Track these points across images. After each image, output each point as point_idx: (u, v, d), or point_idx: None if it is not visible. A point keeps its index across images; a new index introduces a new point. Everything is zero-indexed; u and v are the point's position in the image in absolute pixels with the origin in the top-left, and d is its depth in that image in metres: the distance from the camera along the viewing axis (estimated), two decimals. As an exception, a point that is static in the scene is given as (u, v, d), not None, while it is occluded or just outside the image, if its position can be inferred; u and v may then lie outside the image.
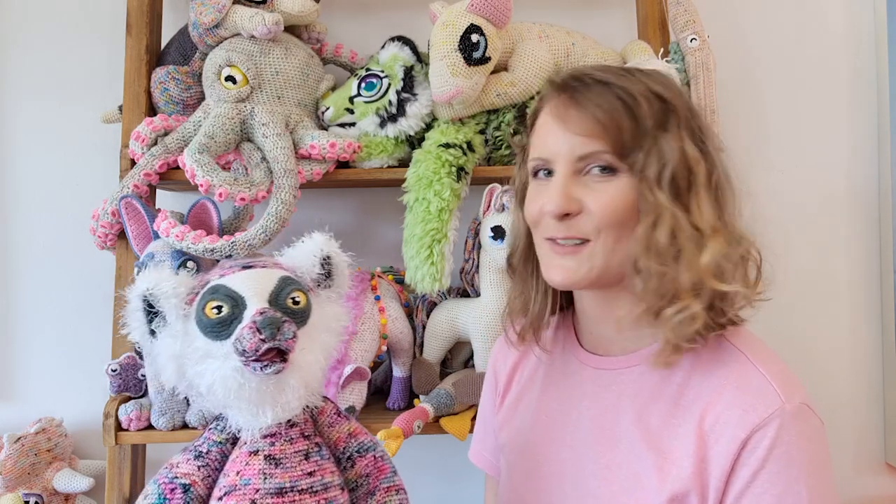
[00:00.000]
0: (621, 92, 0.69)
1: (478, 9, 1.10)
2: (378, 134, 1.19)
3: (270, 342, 0.58)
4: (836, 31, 1.44)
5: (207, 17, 1.16)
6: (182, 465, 0.64)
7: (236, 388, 0.60)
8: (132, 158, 1.19)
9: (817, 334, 1.42)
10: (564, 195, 0.71)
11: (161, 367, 0.63)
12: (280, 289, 0.63)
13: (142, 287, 0.63)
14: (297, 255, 0.69)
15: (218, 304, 0.61)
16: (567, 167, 0.72)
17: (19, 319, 1.40)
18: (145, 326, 0.63)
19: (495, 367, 0.94)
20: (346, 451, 0.70)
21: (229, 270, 0.65)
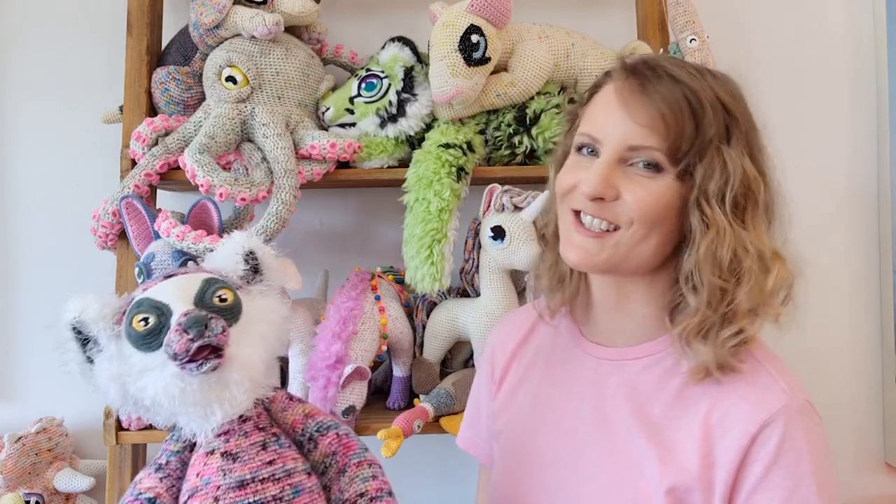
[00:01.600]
0: (690, 94, 0.68)
1: (478, 9, 1.10)
2: (378, 134, 1.19)
3: (199, 340, 0.59)
4: (835, 31, 1.44)
5: (208, 17, 1.16)
6: (144, 481, 0.65)
7: (179, 393, 0.60)
8: (133, 159, 1.19)
9: (817, 334, 1.42)
10: (604, 180, 0.69)
11: (103, 390, 0.63)
12: (204, 290, 0.64)
13: (69, 316, 0.63)
14: (218, 256, 0.70)
15: (144, 316, 0.62)
16: (614, 153, 0.70)
17: (20, 319, 1.40)
18: (81, 356, 0.63)
19: (492, 353, 0.93)
20: (304, 433, 0.70)
21: (152, 283, 0.65)
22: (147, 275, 1.09)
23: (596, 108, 0.74)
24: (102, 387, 0.63)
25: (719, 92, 0.70)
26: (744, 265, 0.67)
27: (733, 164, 0.67)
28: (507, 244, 1.12)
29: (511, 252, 1.11)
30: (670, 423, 0.71)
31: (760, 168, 0.70)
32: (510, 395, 0.88)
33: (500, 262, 1.14)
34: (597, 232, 0.71)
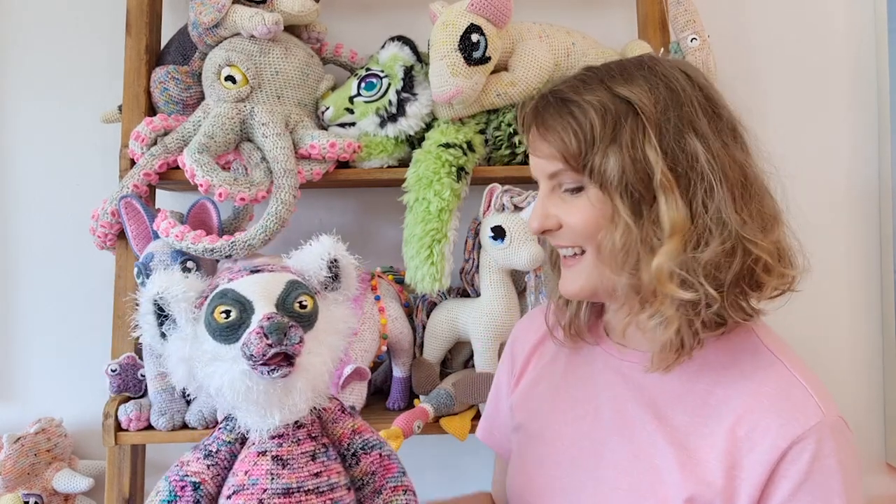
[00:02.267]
0: (575, 108, 0.70)
1: (478, 9, 1.10)
2: (378, 134, 1.19)
3: (277, 347, 0.60)
4: (836, 30, 1.44)
5: (207, 16, 1.16)
6: (192, 464, 0.66)
7: (244, 390, 0.61)
8: (132, 158, 1.19)
9: (817, 334, 1.42)
10: (541, 215, 0.74)
11: (171, 368, 0.65)
12: (287, 293, 0.64)
13: (153, 291, 0.64)
14: (304, 258, 0.70)
15: (226, 308, 0.63)
16: (544, 186, 0.75)
17: (19, 319, 1.40)
18: (156, 329, 0.65)
19: (514, 346, 0.94)
20: (350, 448, 0.70)
21: (238, 275, 0.66)
22: (146, 275, 1.09)
23: None
24: (172, 364, 0.64)
25: (617, 88, 0.70)
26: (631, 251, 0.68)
27: (619, 157, 0.68)
28: (507, 244, 1.11)
29: (511, 252, 1.11)
30: (695, 430, 0.70)
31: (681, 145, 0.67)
32: (529, 390, 0.88)
33: (500, 262, 1.14)
34: (571, 258, 0.75)
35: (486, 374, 1.16)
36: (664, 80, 0.70)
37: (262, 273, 0.66)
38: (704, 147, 0.68)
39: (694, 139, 0.68)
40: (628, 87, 0.70)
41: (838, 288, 1.43)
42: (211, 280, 0.68)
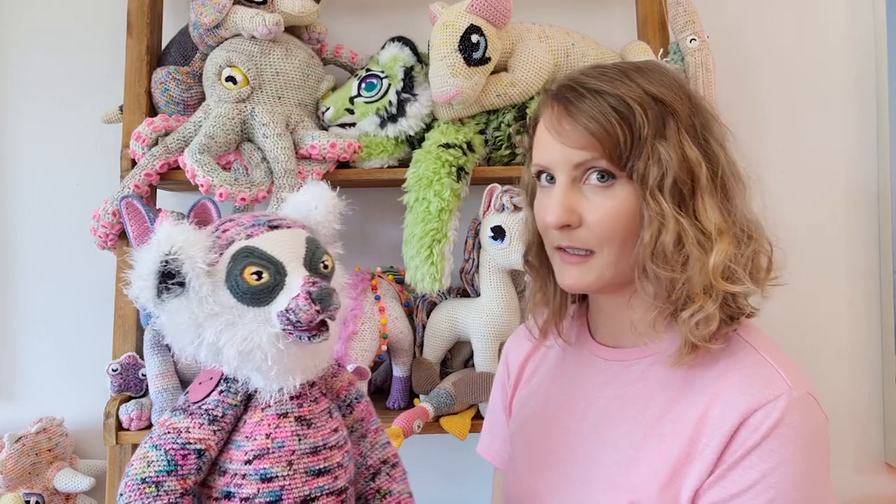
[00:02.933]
0: (615, 101, 0.69)
1: (478, 9, 1.10)
2: (378, 134, 1.19)
3: (324, 314, 0.58)
4: (835, 30, 1.44)
5: (208, 17, 1.16)
6: (194, 431, 0.61)
7: (273, 353, 0.59)
8: (133, 158, 1.19)
9: (817, 334, 1.42)
10: (564, 207, 0.71)
11: (176, 332, 0.60)
12: (311, 253, 0.62)
13: (164, 248, 0.58)
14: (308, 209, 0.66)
15: (258, 269, 0.58)
16: (566, 176, 0.72)
17: (20, 319, 1.40)
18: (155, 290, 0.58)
19: (507, 358, 0.95)
20: (346, 399, 0.70)
21: (255, 230, 0.61)
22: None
23: (539, 139, 0.77)
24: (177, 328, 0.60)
25: (648, 87, 0.70)
26: (686, 249, 0.68)
27: (667, 153, 0.68)
28: (507, 244, 1.12)
29: (511, 252, 1.11)
30: (671, 416, 0.71)
31: (707, 147, 0.71)
32: (524, 399, 0.89)
33: (500, 262, 1.14)
34: (578, 257, 0.73)
35: (486, 374, 1.16)
36: (679, 85, 0.73)
37: (282, 229, 0.62)
38: (722, 151, 0.72)
39: (713, 142, 0.71)
40: (657, 87, 0.71)
41: (838, 288, 1.43)
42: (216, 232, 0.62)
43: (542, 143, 0.76)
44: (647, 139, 0.69)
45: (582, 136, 0.70)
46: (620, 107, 0.69)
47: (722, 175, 0.71)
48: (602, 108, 0.69)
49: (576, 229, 0.72)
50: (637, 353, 0.77)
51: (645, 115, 0.69)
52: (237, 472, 0.61)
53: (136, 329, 1.17)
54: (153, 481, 0.58)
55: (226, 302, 0.59)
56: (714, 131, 0.72)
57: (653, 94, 0.70)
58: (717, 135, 0.72)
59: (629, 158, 0.69)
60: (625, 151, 0.69)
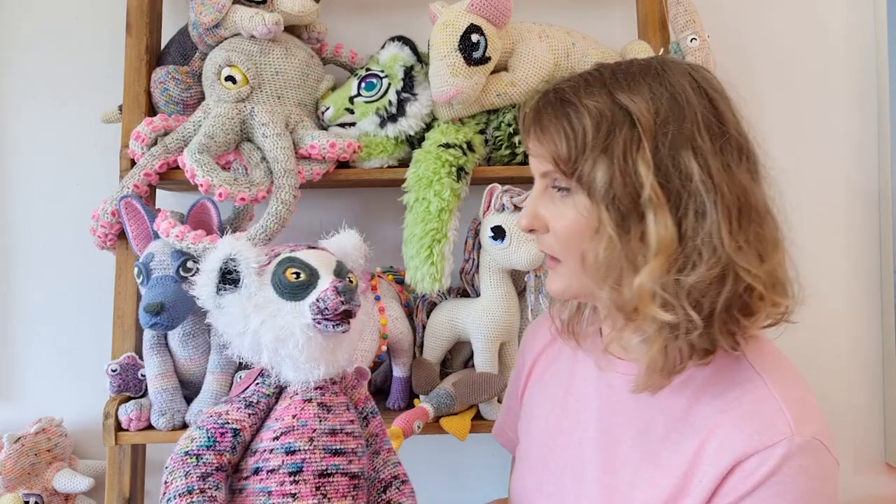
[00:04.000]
0: (571, 110, 0.68)
1: (478, 9, 1.10)
2: (378, 134, 1.19)
3: (347, 305, 0.69)
4: (836, 30, 1.44)
5: (207, 16, 1.16)
6: (232, 413, 0.71)
7: (303, 342, 0.69)
8: (132, 158, 1.19)
9: (817, 334, 1.42)
10: (531, 213, 0.74)
11: (227, 323, 0.71)
12: (339, 268, 0.75)
13: (226, 252, 0.71)
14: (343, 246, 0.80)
15: (297, 270, 0.72)
16: (538, 184, 0.74)
17: (19, 319, 1.40)
18: (214, 288, 0.71)
19: (524, 349, 0.95)
20: (363, 411, 0.79)
21: (297, 247, 0.75)
22: (147, 275, 1.09)
23: None
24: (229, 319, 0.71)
25: (619, 94, 0.67)
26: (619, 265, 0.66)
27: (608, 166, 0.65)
28: (507, 244, 1.12)
29: (511, 252, 1.11)
30: (669, 444, 0.69)
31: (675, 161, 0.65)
32: (533, 396, 0.89)
33: (500, 262, 1.14)
34: (552, 261, 0.75)
35: (486, 374, 1.16)
36: (669, 91, 0.67)
37: (318, 249, 0.77)
38: (701, 166, 0.64)
39: (690, 157, 0.64)
40: (629, 95, 0.67)
41: (838, 288, 1.43)
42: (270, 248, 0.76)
43: None
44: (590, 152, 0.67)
45: (538, 147, 0.71)
46: (572, 117, 0.68)
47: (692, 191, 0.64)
48: (556, 120, 0.69)
49: (543, 235, 0.74)
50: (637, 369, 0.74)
51: (594, 127, 0.66)
52: (266, 448, 0.70)
53: (136, 329, 1.17)
54: (194, 454, 0.68)
55: (269, 297, 0.71)
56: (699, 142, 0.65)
57: (620, 102, 0.66)
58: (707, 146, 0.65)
59: (574, 170, 0.68)
60: (570, 163, 0.68)
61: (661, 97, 0.66)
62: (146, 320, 1.04)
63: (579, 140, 0.67)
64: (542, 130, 0.71)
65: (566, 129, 0.68)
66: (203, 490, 0.66)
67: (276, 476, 0.69)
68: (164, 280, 1.08)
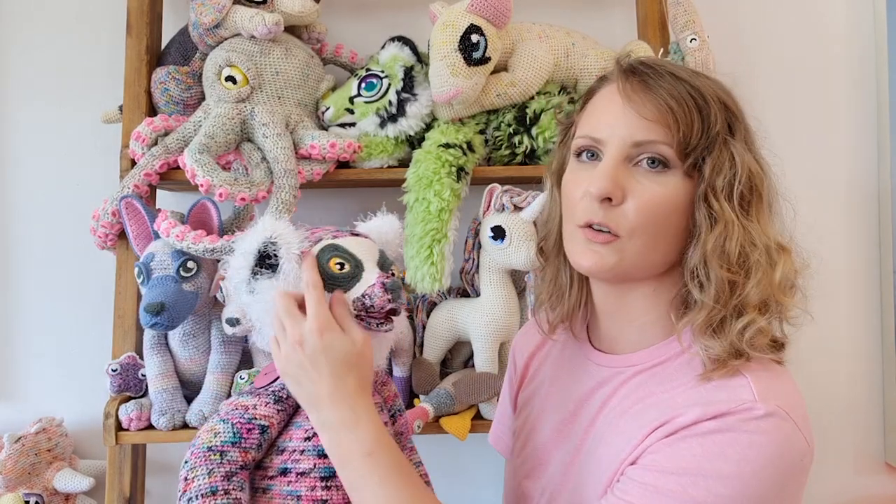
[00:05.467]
0: (693, 90, 0.68)
1: (478, 9, 1.10)
2: (378, 134, 1.19)
3: (394, 304, 0.66)
4: (835, 30, 1.44)
5: (208, 17, 1.16)
6: (261, 408, 0.66)
7: None
8: (132, 158, 1.19)
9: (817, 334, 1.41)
10: (612, 177, 0.67)
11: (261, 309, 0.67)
12: (383, 259, 0.70)
13: (266, 234, 0.66)
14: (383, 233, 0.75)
15: (341, 260, 0.67)
16: (620, 151, 0.68)
17: (20, 319, 1.40)
18: (248, 272, 0.66)
19: (514, 354, 0.94)
20: (391, 409, 0.77)
21: (340, 234, 0.70)
22: (147, 275, 1.09)
23: (596, 110, 0.74)
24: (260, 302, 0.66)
25: (717, 90, 0.70)
26: (752, 258, 0.67)
27: (740, 158, 0.67)
28: (507, 244, 1.12)
29: (511, 252, 1.11)
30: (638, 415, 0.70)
31: (761, 165, 0.71)
32: (526, 399, 0.89)
33: (500, 262, 1.14)
34: (603, 236, 0.70)
35: (486, 374, 1.16)
36: (735, 101, 0.72)
37: (361, 237, 0.71)
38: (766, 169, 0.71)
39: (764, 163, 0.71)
40: (726, 96, 0.70)
41: (838, 288, 1.43)
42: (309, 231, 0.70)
43: (602, 114, 0.72)
44: (719, 137, 0.67)
45: (658, 109, 0.67)
46: (697, 96, 0.67)
47: (769, 189, 0.70)
48: (681, 90, 0.67)
49: (615, 207, 0.68)
50: (628, 360, 0.75)
51: (719, 113, 0.68)
52: (296, 448, 0.66)
53: (136, 329, 1.17)
54: (218, 450, 0.63)
55: None
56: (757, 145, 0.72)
57: (722, 99, 0.69)
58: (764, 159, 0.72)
59: (694, 151, 0.67)
60: (693, 141, 0.67)
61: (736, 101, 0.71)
62: (146, 320, 1.04)
63: (710, 122, 0.67)
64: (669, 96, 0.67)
65: (695, 106, 0.67)
66: (227, 491, 0.61)
67: (307, 480, 0.65)
68: (165, 280, 1.08)
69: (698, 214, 0.68)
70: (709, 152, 0.67)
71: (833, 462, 1.40)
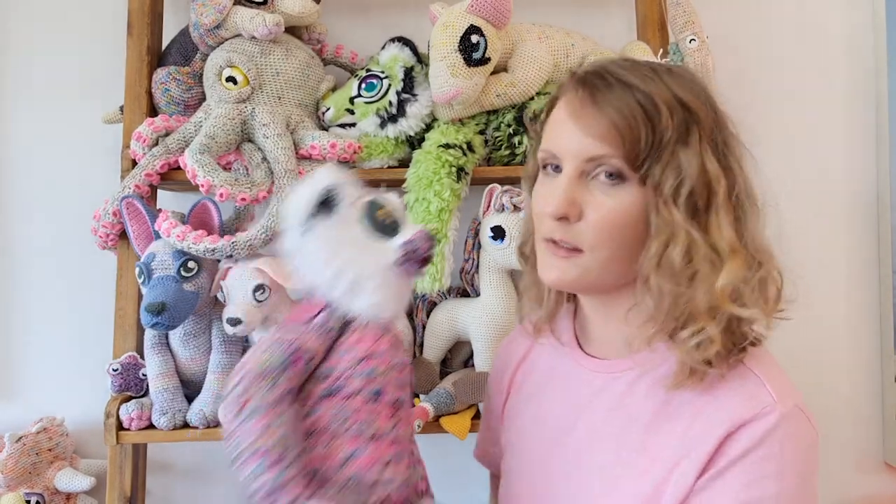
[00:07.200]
0: (643, 97, 0.66)
1: (478, 10, 1.10)
2: (378, 134, 1.20)
3: (431, 251, 0.72)
4: (835, 31, 1.44)
5: (208, 17, 1.16)
6: (311, 341, 0.70)
7: (385, 278, 0.71)
8: (133, 159, 1.19)
9: (817, 335, 1.42)
10: (566, 198, 0.68)
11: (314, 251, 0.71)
12: None
13: (329, 181, 0.71)
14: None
15: (387, 213, 0.74)
16: (574, 168, 0.69)
17: (21, 319, 1.40)
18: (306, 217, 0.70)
19: (498, 366, 0.94)
20: None
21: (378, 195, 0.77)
22: (148, 275, 1.09)
23: (552, 124, 0.74)
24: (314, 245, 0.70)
25: (677, 90, 0.68)
26: (693, 264, 0.66)
27: (688, 162, 0.66)
28: (506, 244, 1.12)
29: (511, 252, 1.12)
30: (653, 434, 0.70)
31: (726, 163, 0.69)
32: (515, 409, 0.88)
33: (499, 262, 1.15)
34: (566, 251, 0.71)
35: (486, 374, 1.16)
36: (707, 96, 0.71)
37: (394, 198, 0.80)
38: (740, 170, 0.69)
39: (733, 161, 0.69)
40: (687, 94, 0.68)
41: (838, 288, 1.43)
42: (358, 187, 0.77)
43: (557, 129, 0.72)
44: (669, 144, 0.66)
45: (604, 125, 0.67)
46: (648, 105, 0.66)
47: (738, 194, 0.68)
48: (629, 102, 0.66)
49: (572, 224, 0.69)
50: (622, 366, 0.75)
51: (671, 118, 0.66)
52: (342, 373, 0.70)
53: (137, 329, 1.17)
54: (270, 375, 0.67)
55: (359, 233, 0.72)
56: (734, 149, 0.70)
57: (681, 99, 0.67)
58: (737, 153, 0.70)
59: (646, 161, 0.66)
60: (643, 153, 0.66)
61: (705, 101, 0.70)
62: (147, 320, 1.05)
63: (658, 129, 0.66)
64: (611, 109, 0.67)
65: (643, 114, 0.66)
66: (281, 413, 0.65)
67: (355, 401, 0.69)
68: (166, 280, 1.08)
69: (651, 222, 0.68)
70: (657, 160, 0.66)
71: (833, 462, 1.40)
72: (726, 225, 0.67)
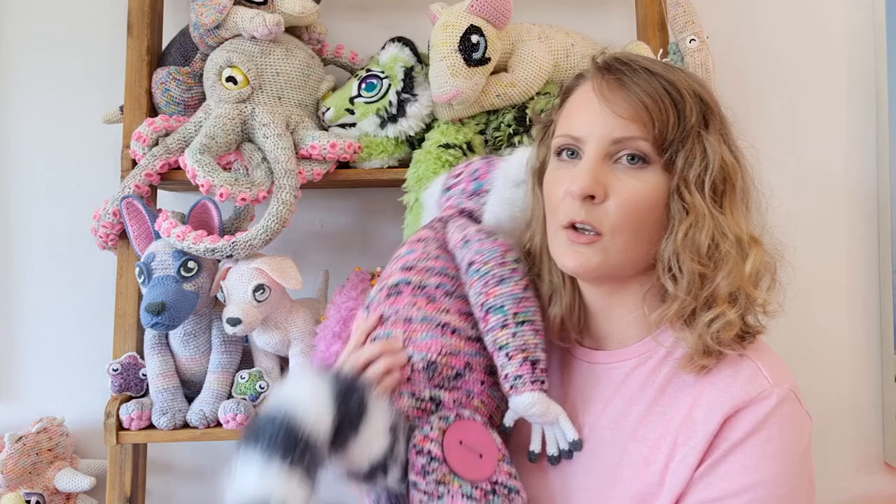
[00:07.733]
0: (668, 85, 0.69)
1: (478, 10, 1.10)
2: (378, 134, 1.20)
3: None
4: (835, 31, 1.44)
5: (208, 17, 1.16)
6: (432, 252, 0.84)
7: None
8: (133, 159, 1.19)
9: (817, 334, 1.42)
10: (593, 177, 0.68)
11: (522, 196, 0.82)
12: None
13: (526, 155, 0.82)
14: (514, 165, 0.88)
15: None
16: (599, 149, 0.69)
17: (21, 319, 1.40)
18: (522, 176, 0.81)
19: None
20: None
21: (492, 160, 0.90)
22: (148, 275, 1.09)
23: (574, 109, 0.74)
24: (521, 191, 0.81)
25: (691, 83, 0.71)
26: (722, 250, 0.67)
27: (712, 150, 0.68)
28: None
29: (511, 252, 1.11)
30: (651, 422, 0.70)
31: (736, 156, 0.71)
32: None
33: (499, 262, 1.14)
34: (587, 237, 0.70)
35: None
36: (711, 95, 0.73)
37: None
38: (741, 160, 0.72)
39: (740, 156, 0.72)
40: (700, 88, 0.71)
41: (838, 288, 1.44)
42: None
43: (579, 113, 0.72)
44: (693, 131, 0.68)
45: (634, 107, 0.68)
46: (673, 92, 0.68)
47: (745, 187, 0.71)
48: (656, 86, 0.68)
49: (597, 205, 0.69)
50: (619, 356, 0.76)
51: (695, 106, 0.69)
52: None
53: (137, 329, 1.17)
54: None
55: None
56: (735, 141, 0.73)
57: (696, 91, 0.70)
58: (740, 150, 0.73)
59: (671, 145, 0.68)
60: (670, 136, 0.68)
61: (711, 93, 0.72)
62: (147, 320, 1.05)
63: (684, 115, 0.68)
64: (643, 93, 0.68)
65: (670, 100, 0.68)
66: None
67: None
68: (166, 280, 1.08)
69: (673, 207, 0.69)
70: (682, 145, 0.68)
71: (832, 462, 1.40)
72: (741, 214, 0.69)
